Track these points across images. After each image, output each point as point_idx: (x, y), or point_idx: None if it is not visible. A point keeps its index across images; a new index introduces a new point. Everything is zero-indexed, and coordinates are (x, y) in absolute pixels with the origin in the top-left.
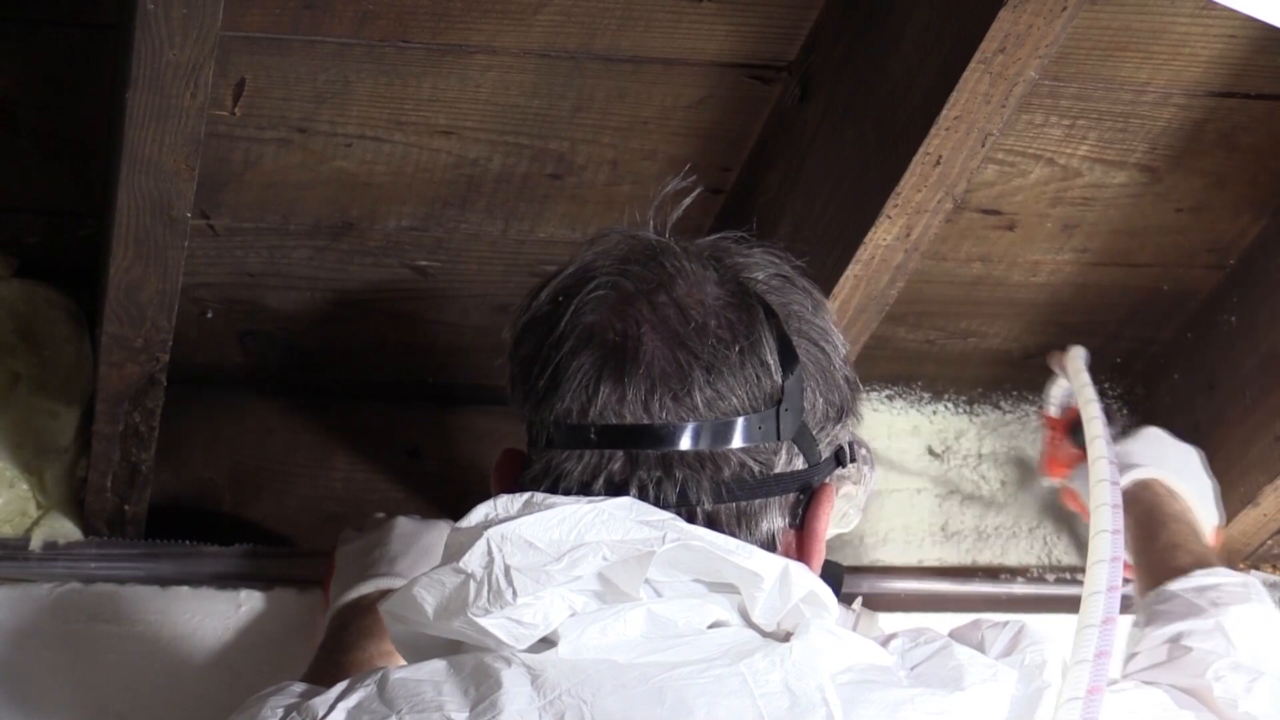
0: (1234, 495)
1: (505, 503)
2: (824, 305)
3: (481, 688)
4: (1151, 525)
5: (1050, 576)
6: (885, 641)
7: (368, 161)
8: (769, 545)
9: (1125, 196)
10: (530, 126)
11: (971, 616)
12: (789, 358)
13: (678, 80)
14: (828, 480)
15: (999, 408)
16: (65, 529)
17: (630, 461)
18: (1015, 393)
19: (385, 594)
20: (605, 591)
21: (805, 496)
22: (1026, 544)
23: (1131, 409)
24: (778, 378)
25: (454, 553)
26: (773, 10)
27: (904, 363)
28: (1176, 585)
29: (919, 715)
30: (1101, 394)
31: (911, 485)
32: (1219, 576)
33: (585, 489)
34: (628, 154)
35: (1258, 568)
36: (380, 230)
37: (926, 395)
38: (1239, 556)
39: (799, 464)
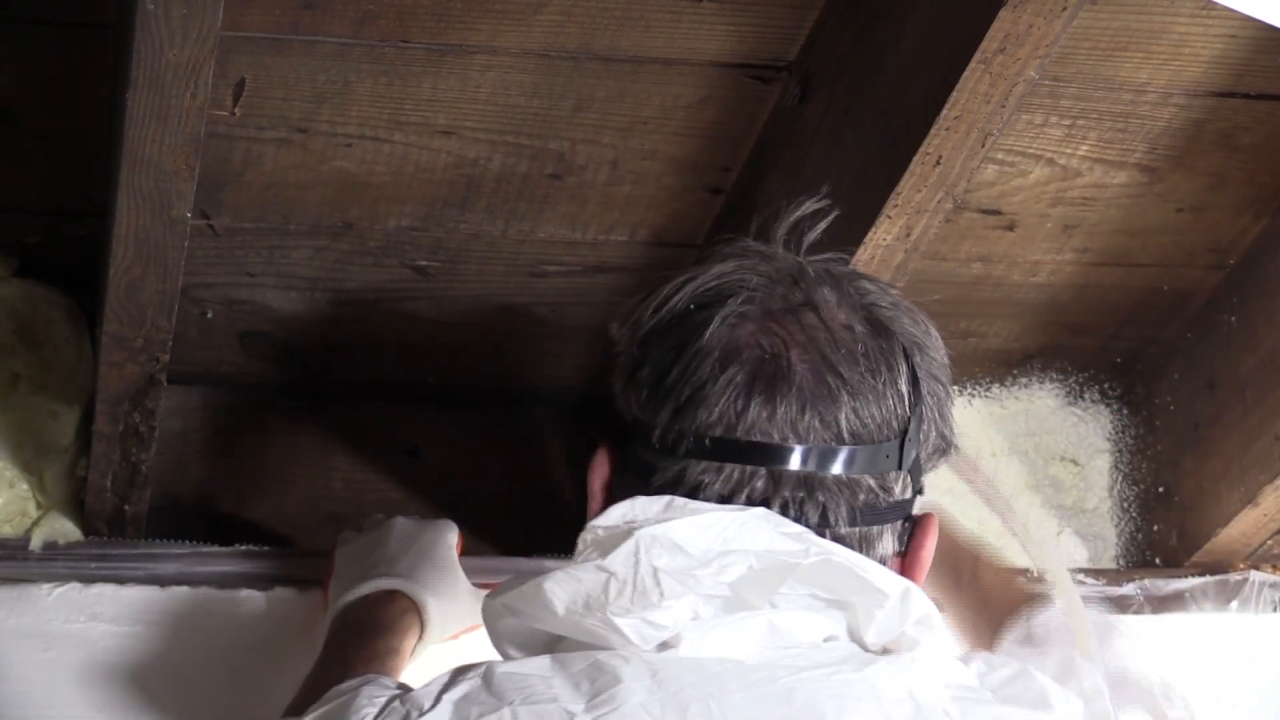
0: (1234, 495)
1: (644, 504)
2: (938, 339)
3: (597, 682)
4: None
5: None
6: (964, 661)
7: (368, 161)
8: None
9: (1125, 196)
10: (530, 126)
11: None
12: (917, 389)
13: (678, 80)
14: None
15: (999, 407)
16: (65, 529)
17: (773, 480)
18: (1015, 393)
19: (387, 594)
20: (733, 599)
21: (910, 524)
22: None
23: (1132, 409)
24: (908, 409)
25: (592, 549)
26: (773, 10)
27: None
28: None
29: None
30: (1102, 395)
31: None
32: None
33: (725, 502)
34: (628, 154)
35: (1258, 568)
36: (380, 230)
37: None
38: (1239, 556)
39: (909, 493)
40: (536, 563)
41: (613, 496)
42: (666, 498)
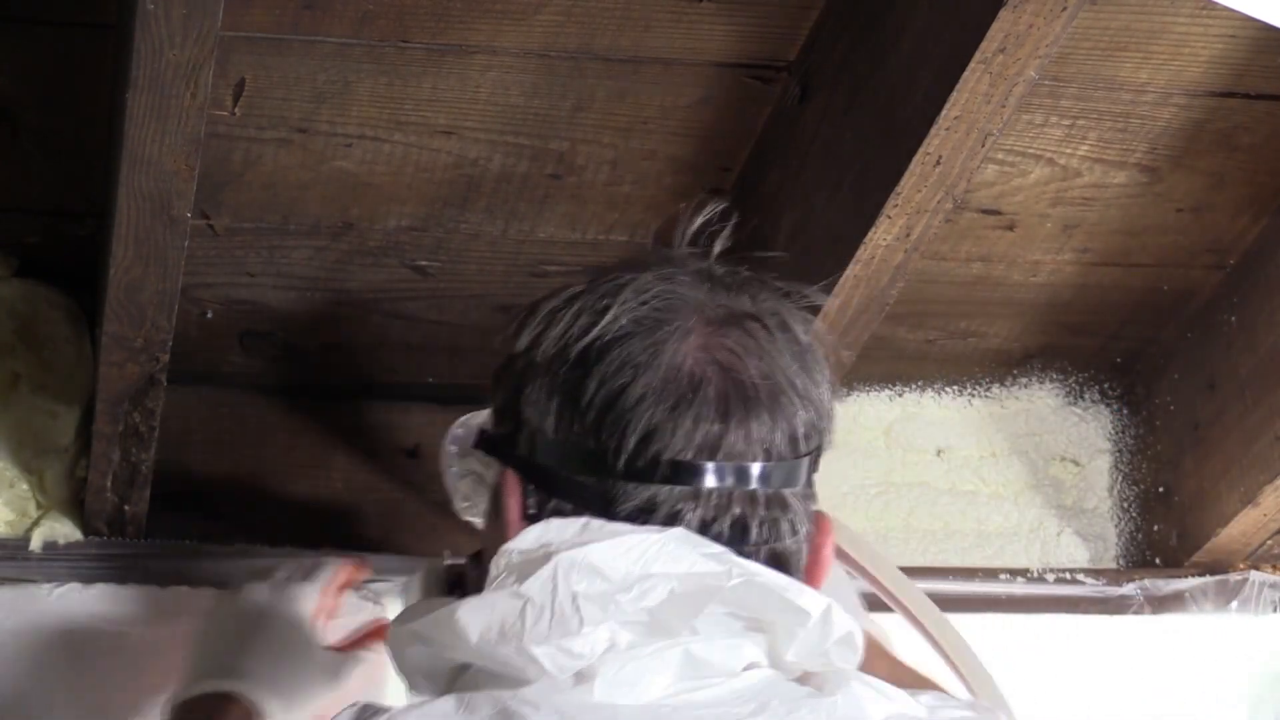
0: (1234, 495)
1: (560, 527)
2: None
3: None
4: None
5: (1050, 576)
6: (914, 694)
7: (368, 161)
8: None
9: (1125, 196)
10: (530, 126)
11: (972, 616)
12: (830, 389)
13: (678, 80)
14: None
15: (999, 407)
16: (65, 529)
17: (749, 501)
18: (1015, 393)
19: (223, 698)
20: (652, 625)
21: (812, 529)
22: (1026, 544)
23: (1132, 409)
24: (830, 408)
25: (506, 575)
26: (773, 10)
27: (904, 363)
28: None
29: None
30: (1102, 395)
31: (911, 485)
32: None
33: (706, 529)
34: (628, 154)
35: (1258, 568)
36: (380, 230)
37: (926, 395)
38: (1239, 556)
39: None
40: None
41: (534, 521)
42: (583, 519)
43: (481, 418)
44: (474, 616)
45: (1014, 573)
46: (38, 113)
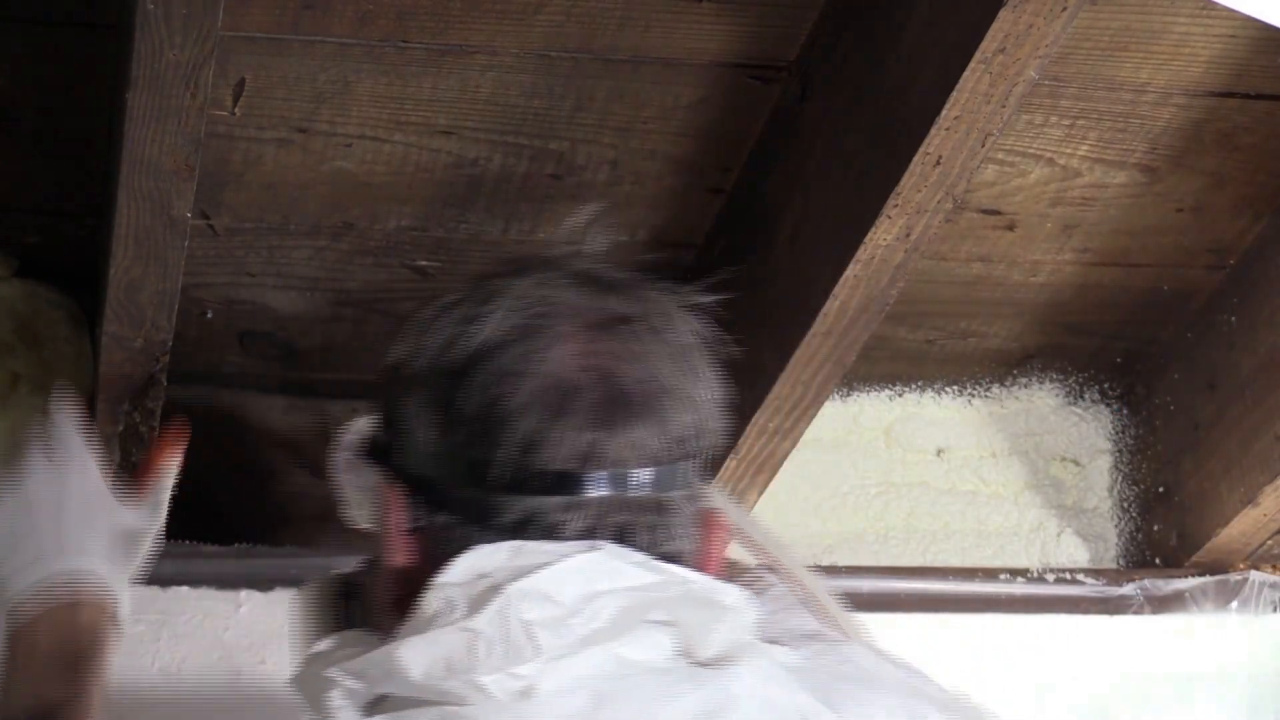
0: (1234, 495)
1: (491, 554)
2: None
3: None
4: None
5: (1050, 576)
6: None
7: (368, 161)
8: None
9: (1125, 196)
10: (530, 126)
11: (972, 616)
12: (712, 387)
13: (678, 80)
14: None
15: (999, 407)
16: None
17: (629, 508)
18: (1015, 393)
19: (68, 595)
20: (583, 639)
21: (699, 526)
22: (1026, 544)
23: (1132, 409)
24: (712, 408)
25: (448, 609)
26: (773, 10)
27: (904, 363)
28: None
29: (879, 712)
30: (1102, 395)
31: (911, 485)
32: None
33: (585, 537)
34: (628, 154)
35: (1258, 568)
36: (380, 230)
37: (926, 395)
38: (1239, 556)
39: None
40: None
41: (426, 538)
42: (514, 544)
43: (371, 425)
44: (416, 654)
45: (1014, 573)
46: (38, 113)
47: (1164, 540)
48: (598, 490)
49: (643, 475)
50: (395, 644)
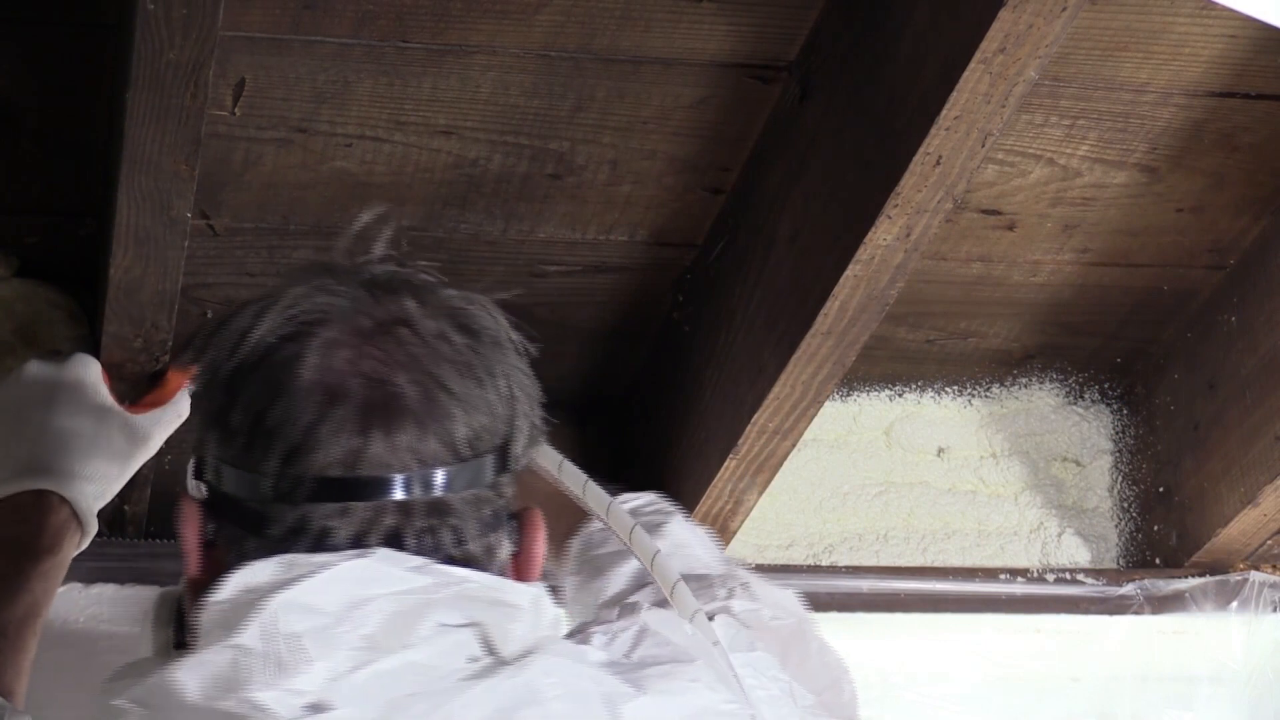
0: (1234, 495)
1: (261, 569)
2: (507, 324)
3: None
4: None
5: (1050, 576)
6: (583, 641)
7: (368, 161)
8: (503, 574)
9: (1125, 196)
10: (530, 126)
11: (971, 617)
12: (511, 386)
13: (678, 80)
14: (530, 505)
15: (999, 407)
16: None
17: (403, 512)
18: (1015, 393)
19: (35, 495)
20: (365, 648)
21: (516, 520)
22: (1026, 544)
23: (1132, 409)
24: (508, 409)
25: (217, 627)
26: (773, 10)
27: (904, 363)
28: (594, 527)
29: (684, 683)
30: (1102, 395)
31: (911, 485)
32: (629, 503)
33: (356, 543)
34: (628, 154)
35: (1258, 568)
36: (380, 231)
37: (926, 395)
38: (1239, 556)
39: (512, 490)
40: None
41: (213, 550)
42: (286, 558)
43: None
44: (190, 676)
45: (1014, 573)
46: (38, 113)
47: (1164, 540)
48: (367, 495)
49: (417, 479)
50: (170, 667)
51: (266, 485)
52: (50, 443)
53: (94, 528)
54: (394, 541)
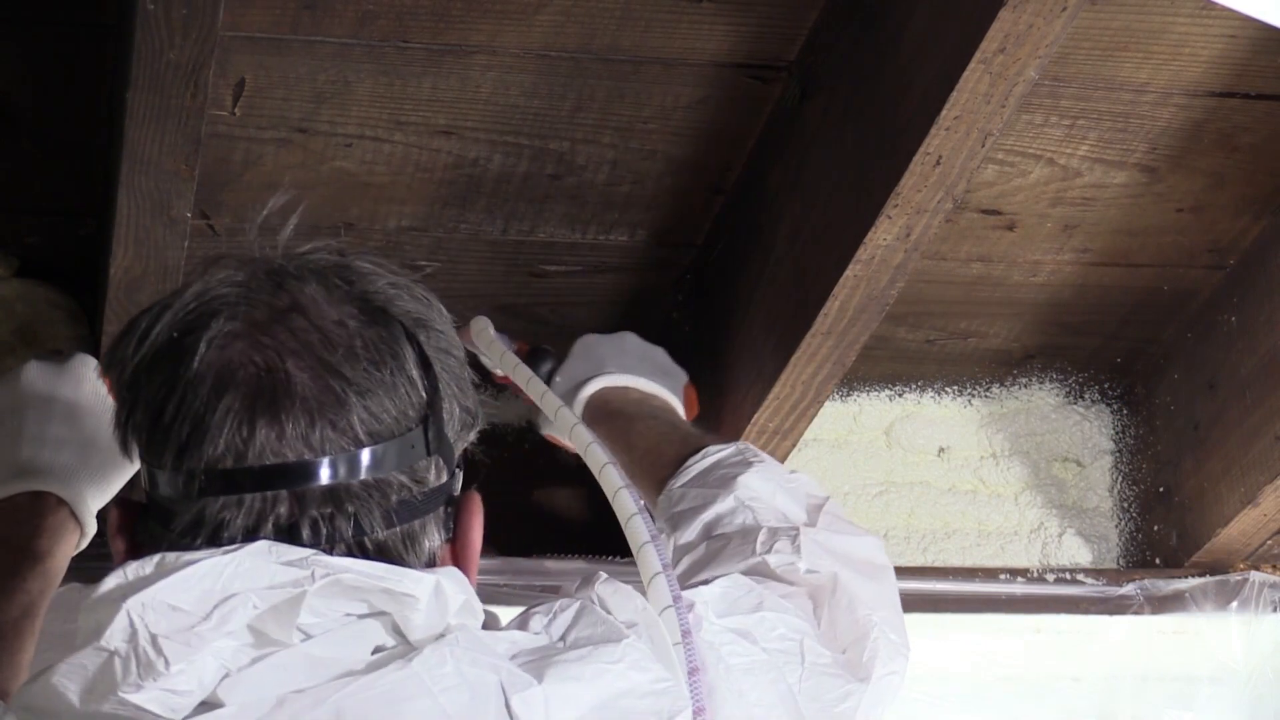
0: (1234, 495)
1: (136, 568)
2: (444, 311)
3: None
4: (629, 435)
5: (1050, 576)
6: (521, 625)
7: (368, 161)
8: (431, 563)
9: (1125, 196)
10: (530, 126)
11: (971, 617)
12: (429, 370)
13: (678, 80)
14: (471, 489)
15: (999, 407)
16: None
17: (297, 501)
18: (1015, 393)
19: (35, 496)
20: (257, 643)
21: (453, 508)
22: (1026, 544)
23: (1132, 409)
24: (423, 392)
25: (92, 631)
26: (773, 10)
27: (904, 363)
28: (678, 482)
29: (601, 666)
30: (1102, 395)
31: (912, 485)
32: (711, 455)
33: (251, 535)
34: (628, 154)
35: (1258, 568)
36: (380, 230)
37: (926, 395)
38: (1239, 557)
39: (444, 476)
40: (535, 563)
41: (136, 548)
42: (157, 556)
43: None
44: (70, 680)
45: (1014, 573)
46: (38, 113)
47: (1164, 540)
48: (257, 486)
49: (306, 468)
50: (48, 671)
51: (166, 480)
52: (48, 443)
53: (93, 528)
54: (289, 531)
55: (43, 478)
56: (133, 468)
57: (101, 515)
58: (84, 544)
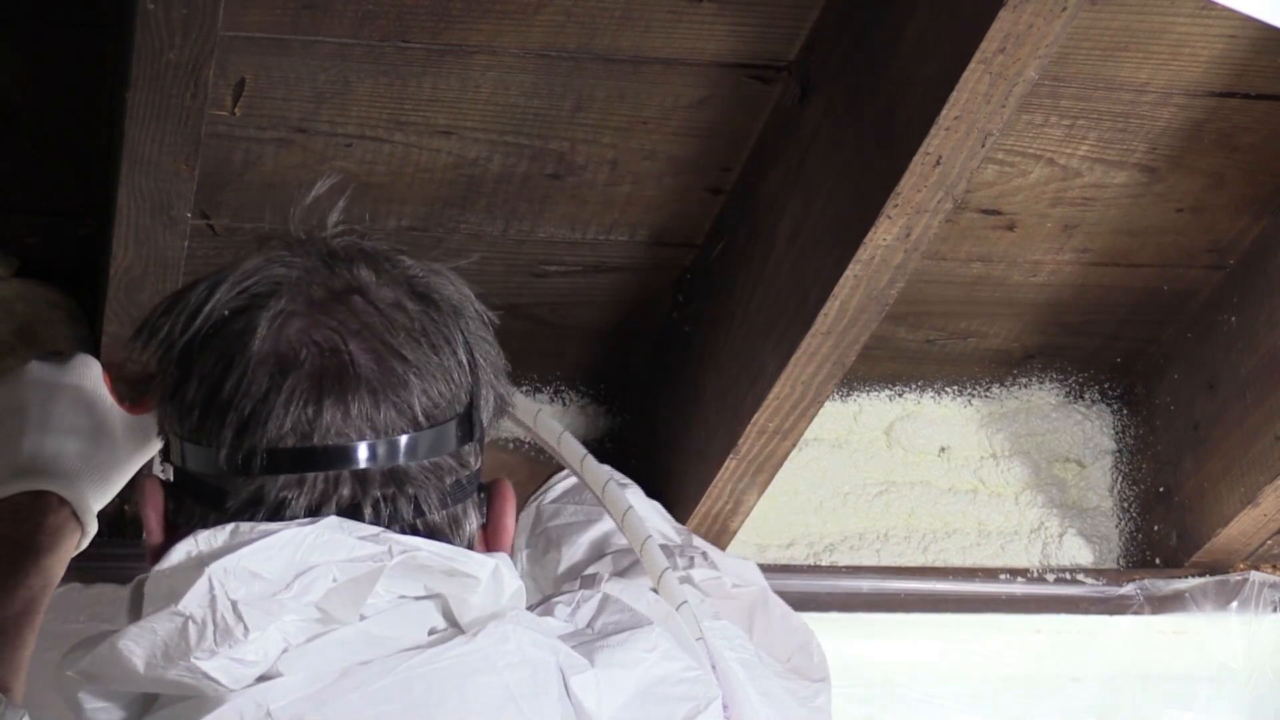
0: (1234, 495)
1: (208, 537)
2: (473, 296)
3: None
4: None
5: (1050, 576)
6: (546, 613)
7: (368, 161)
8: (469, 546)
9: (1125, 196)
10: (530, 126)
11: (971, 617)
12: (473, 355)
13: (678, 80)
14: (502, 476)
15: (999, 407)
16: None
17: (359, 482)
18: (1015, 393)
19: (36, 496)
20: (322, 619)
21: (485, 493)
22: (1027, 544)
23: (1132, 409)
24: (469, 377)
25: (164, 596)
26: (773, 10)
27: (904, 363)
28: (547, 498)
29: (639, 654)
30: (1102, 395)
31: (912, 485)
32: (573, 475)
33: (313, 514)
34: (628, 154)
35: (1258, 568)
36: (380, 230)
37: (926, 395)
38: (1239, 556)
39: (479, 461)
40: None
41: (175, 529)
42: (231, 525)
43: None
44: (137, 645)
45: (1014, 573)
46: (38, 113)
47: (1164, 540)
48: (322, 465)
49: (372, 449)
50: (115, 636)
51: (222, 458)
52: (50, 443)
53: (94, 527)
54: (351, 511)
55: (44, 478)
56: (134, 466)
57: (102, 515)
58: (84, 544)
